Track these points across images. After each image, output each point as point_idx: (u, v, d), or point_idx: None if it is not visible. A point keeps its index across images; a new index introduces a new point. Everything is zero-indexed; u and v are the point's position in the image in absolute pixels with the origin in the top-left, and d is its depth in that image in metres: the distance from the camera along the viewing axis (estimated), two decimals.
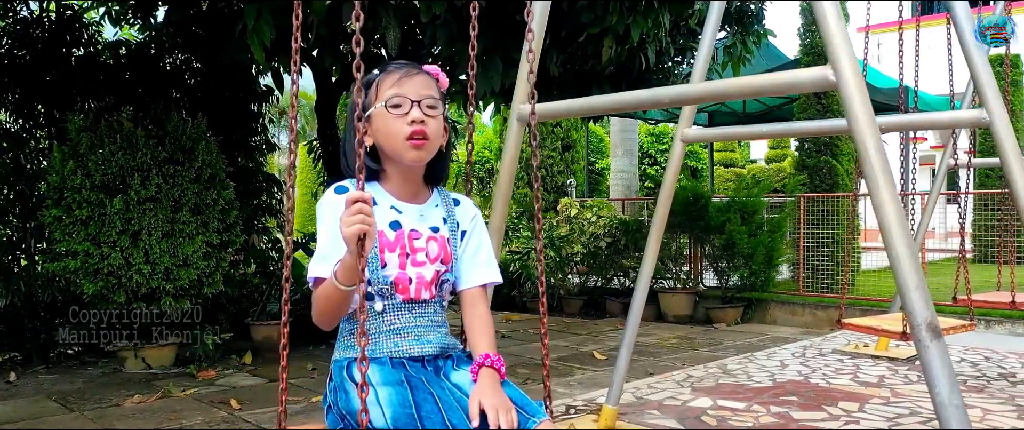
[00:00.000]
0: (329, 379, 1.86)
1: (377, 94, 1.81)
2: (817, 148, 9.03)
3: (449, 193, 2.03)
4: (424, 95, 1.80)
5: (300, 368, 5.99)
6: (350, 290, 1.65)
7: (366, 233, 1.54)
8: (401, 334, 1.82)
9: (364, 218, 1.53)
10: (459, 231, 1.94)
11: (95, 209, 5.23)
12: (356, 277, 1.61)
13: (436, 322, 1.89)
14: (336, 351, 1.88)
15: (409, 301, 1.83)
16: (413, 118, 1.77)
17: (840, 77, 1.99)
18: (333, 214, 1.75)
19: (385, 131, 1.79)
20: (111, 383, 5.51)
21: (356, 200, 1.54)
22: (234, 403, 4.88)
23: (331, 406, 1.82)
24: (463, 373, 1.83)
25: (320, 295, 1.71)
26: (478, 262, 1.94)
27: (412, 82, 1.80)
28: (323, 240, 1.76)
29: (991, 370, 5.36)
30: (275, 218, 7.49)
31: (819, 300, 8.26)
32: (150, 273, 5.34)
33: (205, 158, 5.62)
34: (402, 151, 1.79)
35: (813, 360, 5.84)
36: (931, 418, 4.20)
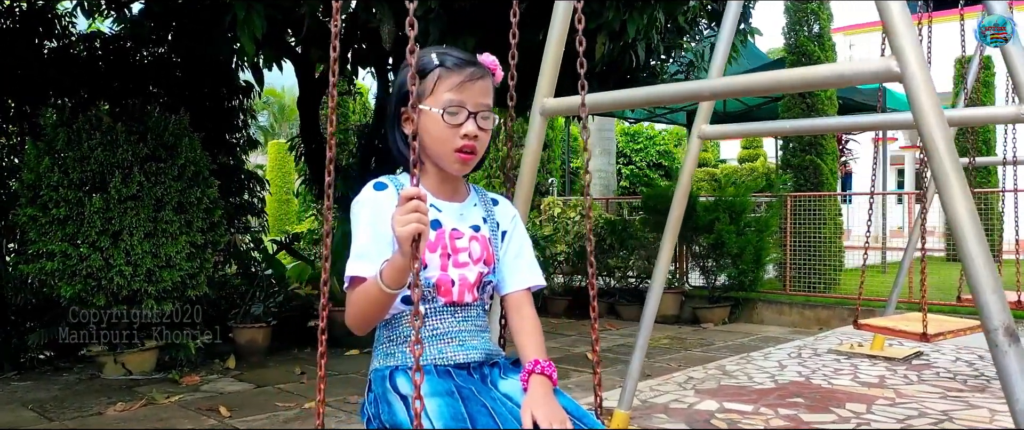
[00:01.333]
0: (368, 390, 1.72)
1: (433, 91, 1.67)
2: (801, 147, 9.04)
3: (486, 192, 1.90)
4: (481, 106, 1.68)
5: (288, 372, 5.80)
6: (395, 293, 1.52)
7: (421, 233, 1.41)
8: (444, 340, 1.69)
9: (420, 216, 1.41)
10: (500, 231, 1.82)
11: (73, 208, 5.00)
12: (404, 279, 1.49)
13: (479, 327, 1.76)
14: (375, 360, 1.74)
15: (451, 304, 1.70)
16: (467, 131, 1.65)
17: (905, 69, 1.89)
18: (372, 212, 1.64)
19: (435, 135, 1.65)
20: (89, 390, 5.27)
21: (411, 197, 1.41)
22: (223, 410, 4.68)
23: (371, 419, 1.68)
24: (512, 381, 1.70)
25: (360, 297, 1.58)
26: (521, 264, 1.82)
27: (474, 89, 1.67)
28: (362, 239, 1.62)
29: (988, 369, 5.35)
30: (257, 217, 7.28)
31: (806, 299, 8.26)
32: (132, 275, 5.11)
33: (188, 155, 5.40)
34: (447, 161, 1.68)
35: (810, 360, 5.80)
36: (941, 420, 4.16)
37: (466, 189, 1.83)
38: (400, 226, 1.41)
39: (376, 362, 1.73)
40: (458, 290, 1.69)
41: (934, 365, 5.53)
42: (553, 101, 2.64)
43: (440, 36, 5.47)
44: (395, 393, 1.62)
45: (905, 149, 19.73)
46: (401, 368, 1.66)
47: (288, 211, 20.20)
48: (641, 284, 8.99)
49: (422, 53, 1.76)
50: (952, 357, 5.79)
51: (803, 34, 8.98)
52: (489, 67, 1.74)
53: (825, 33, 8.92)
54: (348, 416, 4.61)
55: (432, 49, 1.75)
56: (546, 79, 2.70)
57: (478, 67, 1.70)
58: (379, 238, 1.61)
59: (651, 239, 8.70)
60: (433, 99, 1.66)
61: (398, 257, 1.46)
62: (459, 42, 5.49)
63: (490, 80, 1.72)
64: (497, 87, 1.79)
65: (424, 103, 1.68)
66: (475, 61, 1.71)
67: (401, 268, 1.47)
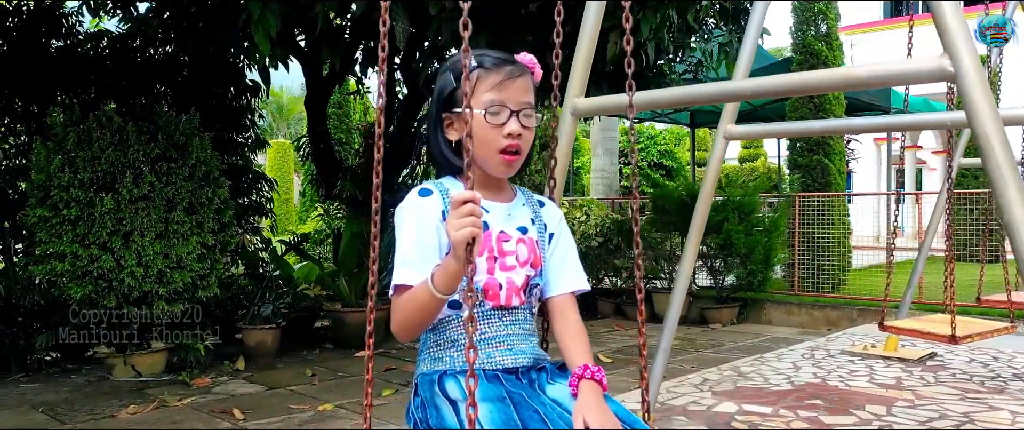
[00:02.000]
0: (413, 394, 1.69)
1: (473, 92, 1.64)
2: (809, 147, 9.01)
3: (532, 193, 1.87)
4: (523, 103, 1.65)
5: (299, 374, 5.76)
6: (447, 298, 1.50)
7: (475, 237, 1.38)
8: (492, 344, 1.67)
9: (475, 220, 1.38)
10: (547, 233, 1.79)
11: (84, 208, 4.95)
12: (457, 284, 1.48)
13: (527, 331, 1.73)
14: (421, 364, 1.71)
15: (499, 308, 1.67)
16: (510, 131, 1.62)
17: (960, 69, 1.86)
18: (418, 218, 1.62)
19: (478, 137, 1.62)
20: (99, 392, 5.22)
21: (466, 200, 1.39)
22: (237, 413, 4.64)
23: (418, 423, 1.65)
24: (560, 387, 1.67)
25: (409, 303, 1.55)
26: (567, 267, 1.79)
27: (514, 87, 1.64)
28: (408, 245, 1.61)
29: (1003, 371, 5.33)
30: (266, 217, 7.23)
31: (815, 300, 8.23)
32: (143, 276, 5.06)
33: (199, 155, 5.35)
34: (492, 162, 1.65)
35: (824, 362, 5.77)
36: (963, 422, 4.13)
37: (512, 190, 1.81)
38: (455, 230, 1.38)
39: (423, 366, 1.70)
40: (506, 294, 1.67)
41: (949, 366, 5.51)
42: (585, 101, 2.61)
43: (451, 35, 5.44)
44: (444, 398, 1.60)
45: (908, 149, 19.69)
46: (449, 373, 1.64)
47: (288, 211, 20.16)
48: (647, 284, 8.95)
49: (458, 56, 1.74)
50: (966, 358, 5.76)
51: (810, 34, 8.96)
52: (528, 66, 1.72)
53: (833, 33, 8.90)
54: (363, 417, 4.57)
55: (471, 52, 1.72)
56: (577, 78, 2.66)
57: (516, 65, 1.68)
58: (425, 245, 1.59)
59: (659, 239, 8.67)
60: (473, 100, 1.63)
61: (451, 262, 1.44)
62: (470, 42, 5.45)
63: (529, 78, 1.70)
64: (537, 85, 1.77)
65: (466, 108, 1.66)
66: (513, 60, 1.69)
67: (454, 273, 1.45)
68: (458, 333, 1.66)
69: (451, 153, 1.70)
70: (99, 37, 6.72)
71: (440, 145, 1.71)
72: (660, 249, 8.65)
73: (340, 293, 6.76)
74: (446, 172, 1.74)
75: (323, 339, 7.09)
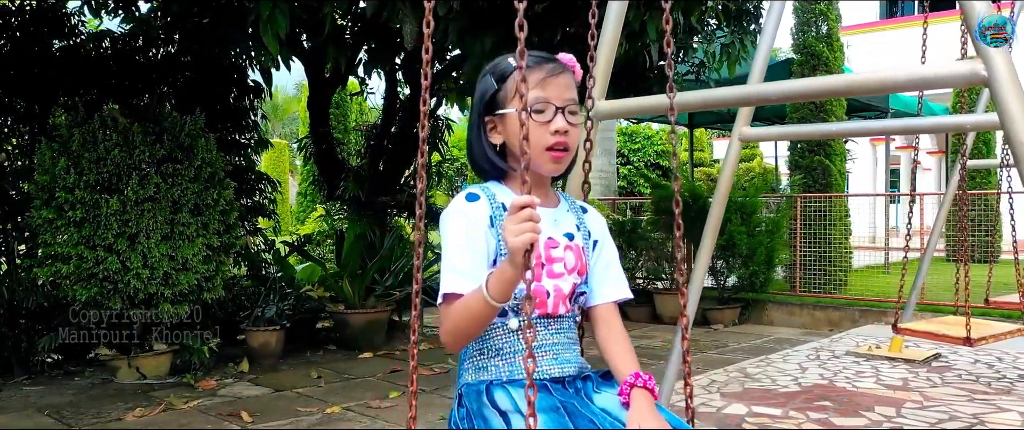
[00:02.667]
0: (457, 405, 1.66)
1: (517, 92, 1.64)
2: (810, 148, 9.03)
3: (574, 199, 1.85)
4: (567, 100, 1.63)
5: (305, 376, 5.74)
6: (501, 306, 1.47)
7: (534, 243, 1.36)
8: (540, 353, 1.64)
9: (533, 226, 1.35)
10: (591, 240, 1.76)
11: (90, 210, 4.91)
12: (512, 292, 1.45)
13: (571, 339, 1.72)
14: (465, 374, 1.68)
15: (545, 316, 1.65)
16: (557, 127, 1.60)
17: (992, 72, 1.86)
18: (466, 224, 1.59)
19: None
20: (104, 395, 5.19)
21: (524, 206, 1.36)
22: (245, 416, 4.62)
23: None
24: (607, 396, 1.66)
25: (461, 312, 1.52)
26: (610, 275, 1.78)
27: (556, 83, 1.62)
28: (456, 253, 1.57)
29: (1009, 372, 5.34)
30: (269, 218, 7.20)
31: (817, 300, 8.25)
32: (149, 278, 5.03)
33: (204, 156, 5.33)
34: (540, 161, 1.62)
35: (830, 363, 5.78)
36: (973, 423, 4.14)
37: (556, 195, 1.79)
38: (513, 236, 1.35)
39: (467, 376, 1.67)
40: (553, 301, 1.64)
41: (954, 367, 5.52)
42: (607, 104, 2.60)
43: (459, 35, 5.43)
44: (492, 408, 1.57)
45: (901, 149, 19.81)
46: (497, 383, 1.62)
47: (283, 212, 20.10)
48: (649, 285, 8.95)
49: (498, 59, 1.72)
50: (970, 359, 5.78)
51: (811, 35, 8.98)
52: (568, 64, 1.70)
53: (834, 34, 8.92)
54: (372, 420, 4.56)
55: (510, 54, 1.71)
56: (599, 81, 2.65)
57: (557, 63, 1.66)
58: (475, 252, 1.57)
59: (659, 240, 8.67)
60: (517, 101, 1.63)
61: (508, 268, 1.41)
62: (477, 41, 5.45)
63: (571, 76, 1.67)
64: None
65: (508, 106, 1.64)
66: (553, 58, 1.67)
67: (510, 280, 1.42)
68: (503, 342, 1.64)
69: (496, 156, 1.68)
70: (101, 37, 6.68)
71: (483, 149, 1.68)
72: (660, 250, 8.65)
73: (343, 294, 6.74)
74: (490, 177, 1.71)
75: (326, 340, 7.07)
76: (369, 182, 7.33)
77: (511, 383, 1.61)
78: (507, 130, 1.65)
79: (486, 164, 1.69)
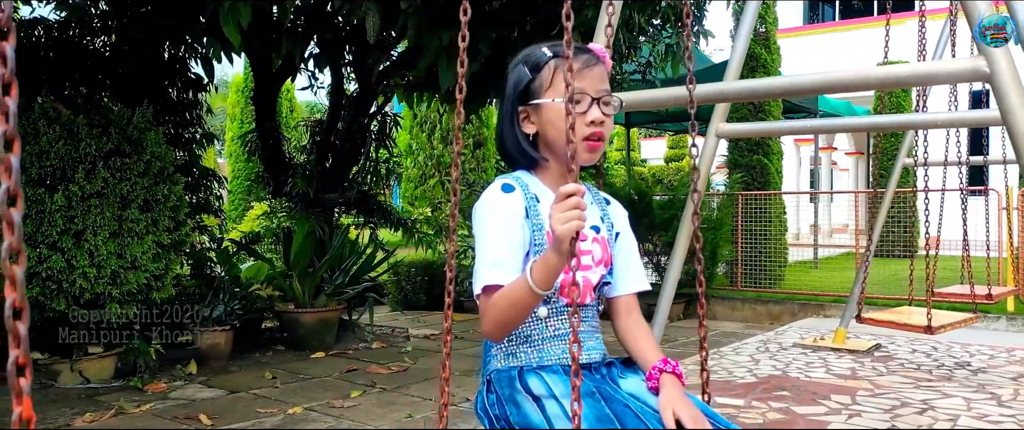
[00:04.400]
0: (487, 391, 1.66)
1: (552, 83, 1.64)
2: (749, 147, 9.30)
3: (597, 191, 1.87)
4: (602, 90, 1.64)
5: (258, 377, 5.58)
6: (545, 294, 1.49)
7: (579, 230, 1.38)
8: (567, 340, 1.66)
9: (581, 213, 1.38)
10: (614, 232, 1.79)
11: (33, 206, 4.66)
12: (555, 280, 1.47)
13: (594, 327, 1.75)
14: (494, 360, 1.69)
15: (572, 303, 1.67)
16: (593, 118, 1.61)
17: (995, 69, 1.96)
18: (504, 214, 1.60)
19: (560, 126, 1.59)
20: (45, 400, 4.93)
21: (571, 193, 1.38)
22: (204, 419, 4.46)
23: (495, 420, 1.62)
24: (633, 381, 1.69)
25: (504, 302, 1.53)
26: (632, 267, 1.81)
27: (592, 74, 1.63)
28: (495, 243, 1.58)
29: (945, 360, 5.63)
30: (215, 216, 6.97)
31: (757, 295, 8.50)
32: (95, 277, 4.81)
33: (154, 150, 5.12)
34: (577, 152, 1.63)
35: (780, 355, 5.96)
36: (924, 408, 4.35)
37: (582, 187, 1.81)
38: (560, 223, 1.37)
39: (495, 363, 1.68)
40: (582, 291, 1.67)
41: (895, 356, 5.78)
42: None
43: (416, 31, 5.38)
44: (525, 394, 1.58)
45: (850, 156, 20.69)
46: (528, 369, 1.63)
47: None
48: None
49: (531, 49, 1.73)
50: (909, 349, 6.06)
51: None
52: (600, 56, 1.72)
53: (771, 36, 9.20)
54: (337, 420, 4.47)
55: (541, 45, 1.72)
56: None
57: (592, 54, 1.66)
58: (513, 243, 1.58)
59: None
60: (553, 91, 1.64)
61: (552, 256, 1.43)
62: (434, 37, 5.41)
63: (604, 67, 1.68)
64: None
65: (544, 96, 1.65)
66: (588, 49, 1.67)
67: (555, 268, 1.44)
68: (532, 329, 1.65)
69: (528, 146, 1.69)
70: (33, 25, 6.34)
71: (516, 139, 1.68)
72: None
73: (293, 293, 6.58)
74: (520, 167, 1.72)
75: (273, 341, 6.89)
76: (315, 178, 7.18)
77: (544, 369, 1.62)
78: (541, 120, 1.66)
79: (518, 154, 1.69)
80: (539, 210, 1.62)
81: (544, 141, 1.68)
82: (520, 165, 1.72)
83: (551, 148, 1.67)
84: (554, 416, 1.52)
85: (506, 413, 1.59)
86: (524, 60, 1.71)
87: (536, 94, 1.66)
